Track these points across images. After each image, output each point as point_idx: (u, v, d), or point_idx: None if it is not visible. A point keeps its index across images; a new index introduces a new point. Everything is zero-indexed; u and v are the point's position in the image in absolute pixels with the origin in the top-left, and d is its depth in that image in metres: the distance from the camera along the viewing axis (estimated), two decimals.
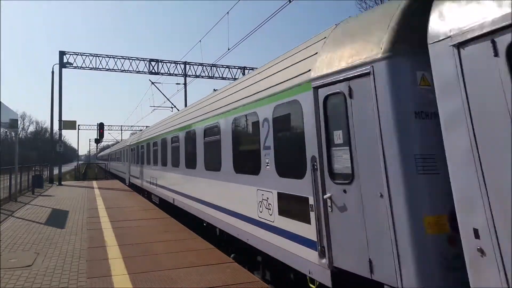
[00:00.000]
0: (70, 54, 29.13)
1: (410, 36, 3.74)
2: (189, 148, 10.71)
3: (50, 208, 14.68)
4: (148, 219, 11.45)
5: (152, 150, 16.74)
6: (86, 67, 29.99)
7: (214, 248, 7.84)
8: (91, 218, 11.83)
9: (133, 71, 31.62)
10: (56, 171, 29.69)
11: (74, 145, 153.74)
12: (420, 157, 3.57)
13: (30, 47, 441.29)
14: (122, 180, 30.97)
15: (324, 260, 4.46)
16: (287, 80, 5.48)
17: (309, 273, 4.75)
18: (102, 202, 16.23)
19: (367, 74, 3.92)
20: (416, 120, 3.63)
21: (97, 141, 38.82)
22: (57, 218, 12.14)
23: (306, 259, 4.84)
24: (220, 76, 34.10)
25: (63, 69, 28.33)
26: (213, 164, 8.52)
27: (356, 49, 4.19)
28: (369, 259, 3.88)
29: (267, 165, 6.01)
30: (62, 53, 28.61)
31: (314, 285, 4.78)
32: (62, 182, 28.27)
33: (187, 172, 10.81)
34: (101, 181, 33.01)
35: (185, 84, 33.67)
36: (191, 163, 10.34)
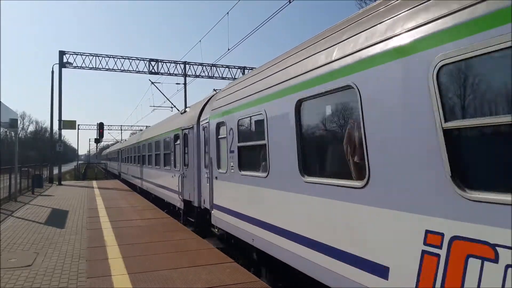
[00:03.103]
0: (70, 54, 29.13)
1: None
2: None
3: (50, 208, 14.69)
4: (148, 219, 11.46)
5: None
6: (86, 67, 29.98)
7: (214, 248, 7.85)
8: (90, 218, 11.83)
9: (133, 71, 31.63)
10: (56, 170, 29.69)
11: (74, 145, 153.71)
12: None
13: (30, 47, 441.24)
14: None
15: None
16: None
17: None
18: (101, 202, 16.24)
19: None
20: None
21: (97, 141, 38.81)
22: (57, 218, 12.14)
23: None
24: (220, 76, 34.11)
25: (63, 69, 28.35)
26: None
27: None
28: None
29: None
30: (62, 53, 28.61)
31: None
32: (62, 182, 28.27)
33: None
34: (101, 181, 33.01)
35: (185, 84, 33.69)
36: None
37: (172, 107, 30.22)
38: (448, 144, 2.75)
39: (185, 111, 12.77)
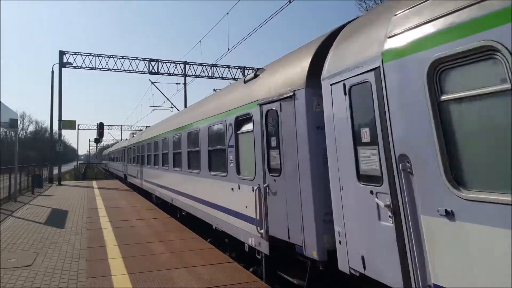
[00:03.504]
0: (70, 54, 29.12)
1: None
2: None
3: (49, 208, 14.68)
4: (147, 219, 11.45)
5: None
6: (86, 67, 29.97)
7: (214, 247, 7.85)
8: (90, 218, 11.83)
9: (133, 71, 31.61)
10: (56, 170, 29.68)
11: (74, 145, 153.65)
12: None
13: (30, 47, 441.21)
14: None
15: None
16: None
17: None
18: (101, 202, 16.23)
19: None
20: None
21: (97, 141, 38.81)
22: (57, 218, 12.14)
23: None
24: (220, 76, 34.11)
25: (63, 69, 28.35)
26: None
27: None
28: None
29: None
30: (62, 53, 28.61)
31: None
32: (62, 182, 28.25)
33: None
34: (101, 181, 33.00)
35: (185, 84, 33.67)
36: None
37: (172, 107, 30.23)
38: None
39: (256, 76, 7.15)
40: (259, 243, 6.27)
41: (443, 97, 3.07)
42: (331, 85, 4.57)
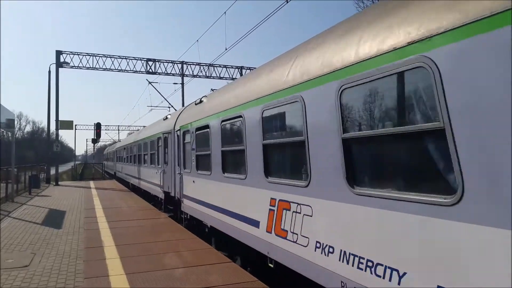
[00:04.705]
0: (67, 54, 29.03)
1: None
2: None
3: (47, 208, 14.65)
4: (145, 219, 11.45)
5: None
6: (83, 67, 29.88)
7: (212, 248, 7.86)
8: (88, 218, 11.81)
9: (130, 70, 31.54)
10: (53, 171, 29.61)
11: (71, 145, 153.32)
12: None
13: (26, 47, 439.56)
14: None
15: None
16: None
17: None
18: (99, 202, 16.21)
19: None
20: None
21: (94, 141, 38.73)
22: (54, 219, 12.11)
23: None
24: (218, 75, 34.08)
25: (60, 69, 28.27)
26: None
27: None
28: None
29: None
30: (58, 53, 28.53)
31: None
32: (59, 182, 28.18)
33: None
34: (98, 181, 32.93)
35: (182, 83, 33.65)
36: None
37: (169, 107, 30.23)
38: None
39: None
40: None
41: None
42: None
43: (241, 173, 6.56)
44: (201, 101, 9.70)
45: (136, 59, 31.67)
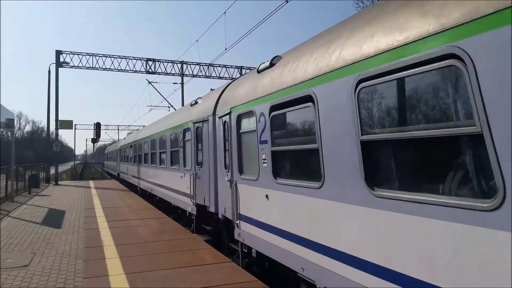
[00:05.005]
0: (67, 54, 29.02)
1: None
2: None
3: (46, 208, 14.65)
4: (145, 219, 11.45)
5: None
6: (83, 67, 29.86)
7: (211, 247, 7.86)
8: (87, 218, 11.81)
9: (130, 70, 31.52)
10: (52, 170, 29.60)
11: (71, 145, 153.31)
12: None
13: (26, 46, 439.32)
14: None
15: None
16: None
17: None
18: (99, 201, 16.21)
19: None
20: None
21: (94, 140, 38.77)
22: (54, 218, 12.11)
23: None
24: (217, 75, 34.08)
25: (59, 69, 28.26)
26: None
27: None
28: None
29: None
30: (58, 53, 28.51)
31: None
32: (59, 182, 28.18)
33: None
34: (98, 181, 32.93)
35: (182, 83, 33.64)
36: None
37: (169, 107, 30.22)
38: None
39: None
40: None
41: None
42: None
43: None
44: (272, 64, 5.93)
45: (136, 59, 31.66)
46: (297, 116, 5.14)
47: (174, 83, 34.19)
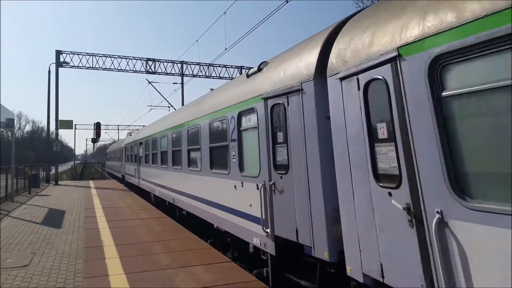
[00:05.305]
0: (67, 54, 29.01)
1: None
2: None
3: (46, 207, 14.65)
4: (145, 219, 11.45)
5: None
6: (83, 67, 29.85)
7: (211, 247, 7.87)
8: (87, 217, 11.82)
9: (130, 70, 31.51)
10: (52, 170, 29.61)
11: (71, 145, 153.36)
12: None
13: (26, 46, 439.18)
14: None
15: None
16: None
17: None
18: (99, 201, 16.21)
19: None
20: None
21: (94, 140, 38.76)
22: (54, 218, 12.11)
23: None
24: (217, 75, 34.09)
25: (59, 69, 28.25)
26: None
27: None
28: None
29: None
30: (58, 52, 28.51)
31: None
32: (59, 182, 28.17)
33: None
34: (98, 181, 32.93)
35: (182, 83, 33.64)
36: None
37: (169, 107, 30.21)
38: None
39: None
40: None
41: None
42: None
43: None
44: None
45: (136, 59, 31.65)
46: None
47: (174, 83, 34.22)
